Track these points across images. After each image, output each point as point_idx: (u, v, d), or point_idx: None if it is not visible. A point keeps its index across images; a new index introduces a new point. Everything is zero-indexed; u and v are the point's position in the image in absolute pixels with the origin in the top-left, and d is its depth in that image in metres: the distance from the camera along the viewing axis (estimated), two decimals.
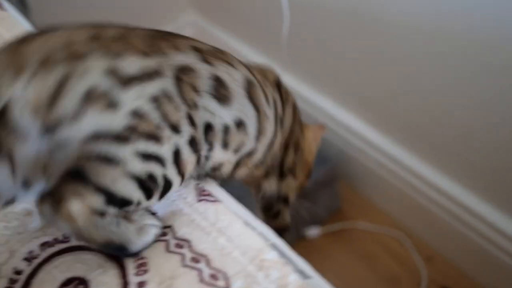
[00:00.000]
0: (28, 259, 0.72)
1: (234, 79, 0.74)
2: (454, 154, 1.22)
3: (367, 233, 1.46)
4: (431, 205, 1.32)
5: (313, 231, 1.46)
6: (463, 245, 1.30)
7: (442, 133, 1.20)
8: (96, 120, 0.61)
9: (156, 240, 0.72)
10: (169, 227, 0.74)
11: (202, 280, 0.68)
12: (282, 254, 0.72)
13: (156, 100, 0.64)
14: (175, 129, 0.66)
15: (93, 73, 0.61)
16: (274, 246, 0.72)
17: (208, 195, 0.77)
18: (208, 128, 0.72)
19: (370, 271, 1.37)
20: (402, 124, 1.30)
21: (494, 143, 1.09)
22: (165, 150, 0.66)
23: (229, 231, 0.73)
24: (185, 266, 0.70)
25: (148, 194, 0.67)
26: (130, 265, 0.70)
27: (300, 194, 1.01)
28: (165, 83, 0.66)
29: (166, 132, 0.65)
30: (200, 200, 0.77)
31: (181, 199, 0.78)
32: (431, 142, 1.25)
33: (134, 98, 0.63)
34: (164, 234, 0.74)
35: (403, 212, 1.41)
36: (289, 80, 1.51)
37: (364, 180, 1.49)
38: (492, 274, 1.28)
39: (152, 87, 0.65)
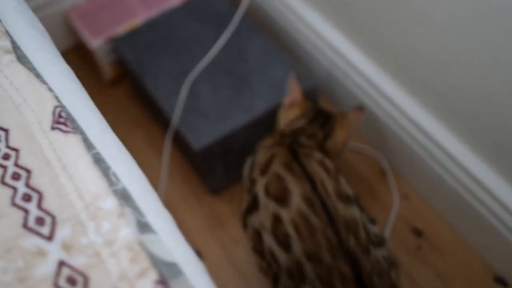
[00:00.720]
0: None
1: None
2: (440, 93, 1.11)
3: (348, 151, 1.40)
4: (411, 141, 1.24)
5: None
6: (440, 188, 1.22)
7: (423, 68, 1.09)
8: None
9: None
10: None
11: (25, 225, 0.62)
12: (127, 203, 0.64)
13: None
14: None
15: None
16: (119, 193, 0.64)
17: (64, 123, 0.68)
18: None
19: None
20: (388, 52, 1.19)
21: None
22: None
23: (73, 169, 0.66)
24: (14, 204, 0.63)
25: None
26: None
27: None
28: None
29: None
30: (54, 128, 0.68)
31: (36, 122, 0.69)
32: (414, 75, 1.14)
33: None
34: (7, 156, 0.66)
35: (384, 144, 1.34)
36: None
37: (348, 104, 1.40)
38: (467, 222, 1.21)
39: None
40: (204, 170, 1.37)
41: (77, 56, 1.71)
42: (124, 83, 1.65)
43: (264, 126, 1.34)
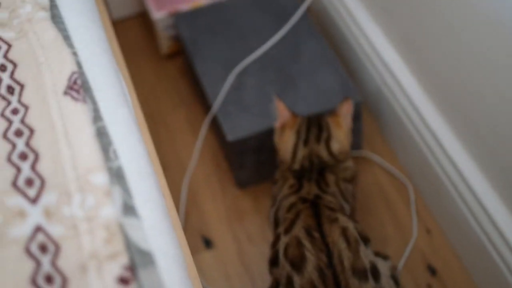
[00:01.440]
0: None
1: None
2: (482, 138, 1.09)
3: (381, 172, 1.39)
4: (445, 178, 1.22)
5: None
6: (464, 230, 1.19)
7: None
8: None
9: None
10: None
11: (14, 183, 0.63)
12: (119, 182, 0.63)
13: None
14: None
15: None
16: (113, 170, 0.64)
17: (76, 91, 0.68)
18: None
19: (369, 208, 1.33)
20: (440, 85, 1.16)
21: None
22: None
23: (74, 137, 0.66)
24: (9, 161, 0.64)
25: None
26: None
27: None
28: None
29: None
30: (66, 93, 0.68)
31: (51, 84, 0.69)
32: (463, 116, 1.11)
33: None
34: (15, 111, 0.67)
35: (418, 174, 1.32)
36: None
37: (391, 127, 1.38)
38: (484, 271, 1.18)
39: None
40: (234, 162, 1.36)
41: (140, 24, 1.73)
42: (179, 58, 1.65)
43: None
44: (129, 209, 0.64)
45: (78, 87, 0.71)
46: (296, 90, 1.36)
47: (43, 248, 0.60)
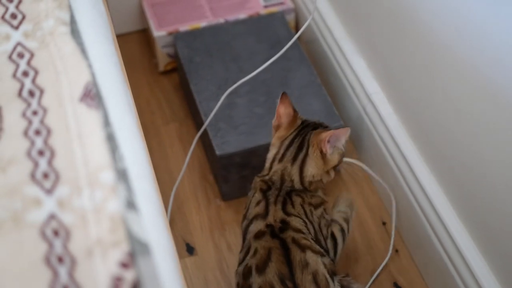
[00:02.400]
0: None
1: None
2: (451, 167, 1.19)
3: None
4: (416, 205, 1.35)
5: None
6: (430, 254, 1.30)
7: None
8: None
9: None
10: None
11: (33, 175, 0.72)
12: (123, 181, 0.73)
13: None
14: None
15: None
16: (119, 170, 0.73)
17: (91, 98, 0.78)
18: None
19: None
20: (415, 118, 1.27)
21: None
22: None
23: (86, 139, 0.76)
24: (29, 156, 0.73)
25: None
26: None
27: None
28: None
29: None
30: (81, 100, 0.78)
31: (68, 91, 0.79)
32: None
33: None
34: (35, 112, 0.76)
35: (390, 195, 1.43)
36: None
37: (370, 153, 1.47)
38: None
39: None
40: (221, 175, 1.46)
41: (142, 39, 1.83)
42: (174, 75, 1.75)
43: None
44: (131, 205, 0.74)
45: (92, 95, 0.80)
46: None
47: (55, 233, 0.69)
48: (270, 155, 1.24)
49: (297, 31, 1.76)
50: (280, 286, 1.10)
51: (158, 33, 1.66)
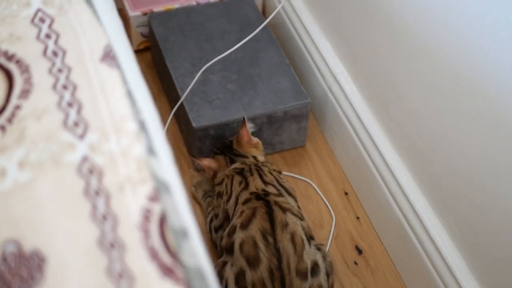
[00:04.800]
0: None
1: None
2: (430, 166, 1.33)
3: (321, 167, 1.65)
4: (377, 174, 1.49)
5: None
6: (388, 218, 1.45)
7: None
8: None
9: None
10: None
11: (65, 123, 0.82)
12: (144, 130, 0.83)
13: None
14: None
15: None
16: (139, 121, 0.84)
17: (111, 59, 0.88)
18: None
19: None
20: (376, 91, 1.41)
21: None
22: None
23: (109, 94, 0.86)
24: (59, 106, 0.83)
25: None
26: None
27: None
28: None
29: None
30: (102, 61, 0.88)
31: (89, 52, 0.89)
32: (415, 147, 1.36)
33: None
34: (61, 70, 0.86)
35: (353, 169, 1.60)
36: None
37: (333, 127, 1.62)
38: (401, 252, 1.44)
39: None
40: (195, 147, 1.58)
41: None
42: (147, 54, 1.85)
43: (256, 127, 1.55)
44: (151, 151, 0.85)
45: (112, 56, 0.91)
46: (254, 90, 1.59)
47: (90, 171, 0.79)
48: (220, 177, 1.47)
49: (264, 13, 1.89)
50: (261, 239, 1.23)
51: (133, 13, 1.76)
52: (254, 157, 1.46)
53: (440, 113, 1.25)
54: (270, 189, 1.34)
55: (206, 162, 1.47)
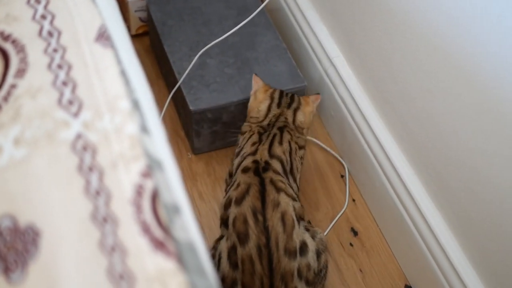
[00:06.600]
0: None
1: None
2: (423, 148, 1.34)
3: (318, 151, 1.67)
4: (372, 157, 1.51)
5: None
6: (383, 201, 1.47)
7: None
8: None
9: None
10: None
11: (60, 102, 0.84)
12: (137, 109, 0.85)
13: None
14: None
15: None
16: (133, 100, 0.85)
17: (105, 39, 0.89)
18: None
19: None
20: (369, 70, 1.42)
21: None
22: None
23: (103, 73, 0.88)
24: (54, 85, 0.84)
25: None
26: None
27: None
28: None
29: None
30: (96, 41, 0.90)
31: (83, 32, 0.90)
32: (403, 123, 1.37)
33: None
34: (56, 50, 0.87)
35: (349, 152, 1.62)
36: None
37: (329, 110, 1.63)
38: (396, 234, 1.46)
39: None
40: (193, 130, 1.59)
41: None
42: (145, 39, 1.87)
43: None
44: (144, 129, 0.86)
45: (106, 36, 0.93)
46: (251, 73, 1.60)
47: (84, 148, 0.81)
48: (263, 106, 1.46)
49: None
50: (252, 217, 1.25)
51: None
52: (294, 122, 1.45)
53: (435, 96, 1.26)
54: (274, 163, 1.35)
55: (257, 80, 1.52)
